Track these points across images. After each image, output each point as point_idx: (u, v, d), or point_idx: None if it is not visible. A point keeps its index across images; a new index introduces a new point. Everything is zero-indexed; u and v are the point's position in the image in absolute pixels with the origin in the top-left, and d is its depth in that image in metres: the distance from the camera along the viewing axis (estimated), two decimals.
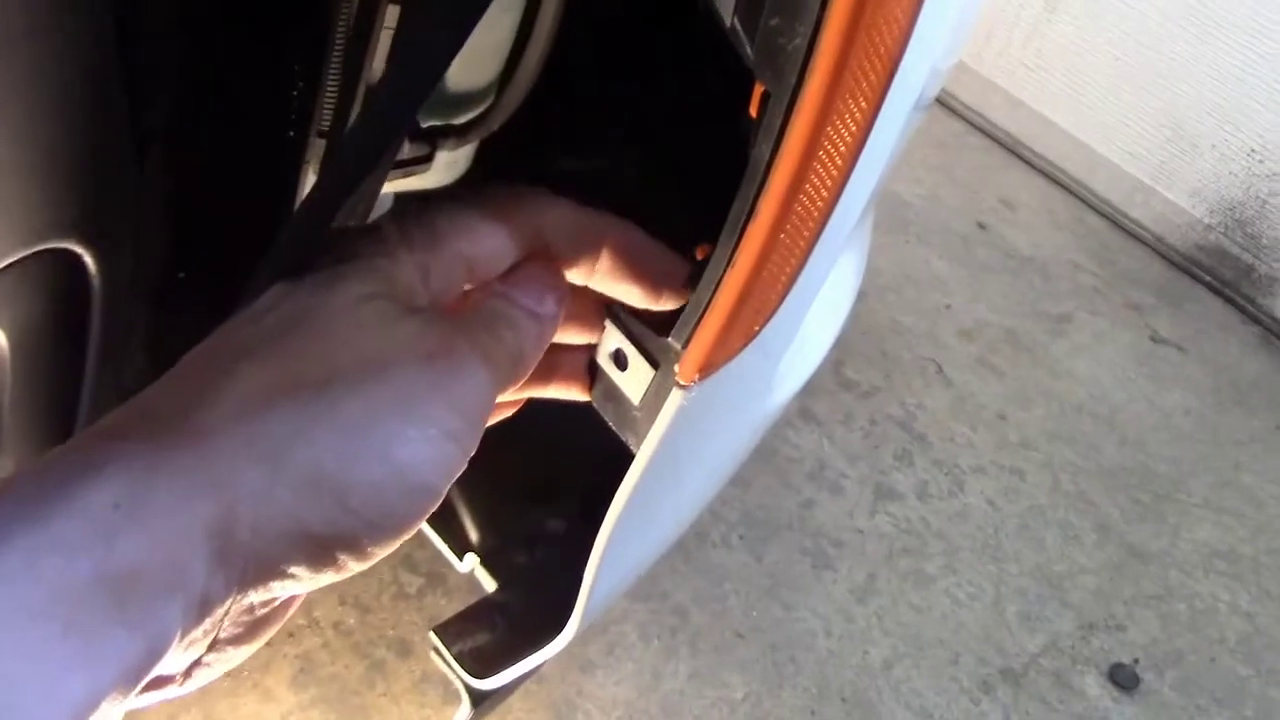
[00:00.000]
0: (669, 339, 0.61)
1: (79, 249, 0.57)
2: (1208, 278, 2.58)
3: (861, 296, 2.12)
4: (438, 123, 0.75)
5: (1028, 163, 2.83)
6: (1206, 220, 2.59)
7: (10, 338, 0.58)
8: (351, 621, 1.29)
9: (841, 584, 1.53)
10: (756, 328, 0.59)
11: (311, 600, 1.27)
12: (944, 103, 2.96)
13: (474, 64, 0.79)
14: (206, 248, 0.66)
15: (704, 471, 0.73)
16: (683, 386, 0.59)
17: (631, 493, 0.62)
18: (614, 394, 0.66)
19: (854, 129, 0.52)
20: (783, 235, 0.53)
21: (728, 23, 0.52)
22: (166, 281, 0.63)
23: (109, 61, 0.53)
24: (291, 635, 1.25)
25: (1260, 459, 2.03)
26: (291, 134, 0.68)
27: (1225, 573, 1.76)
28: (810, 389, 1.83)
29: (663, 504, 0.70)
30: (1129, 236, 2.66)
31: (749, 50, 0.51)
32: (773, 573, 1.51)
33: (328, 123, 0.68)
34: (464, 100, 0.87)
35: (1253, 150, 2.47)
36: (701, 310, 0.57)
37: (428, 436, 0.39)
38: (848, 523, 1.62)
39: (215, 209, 0.66)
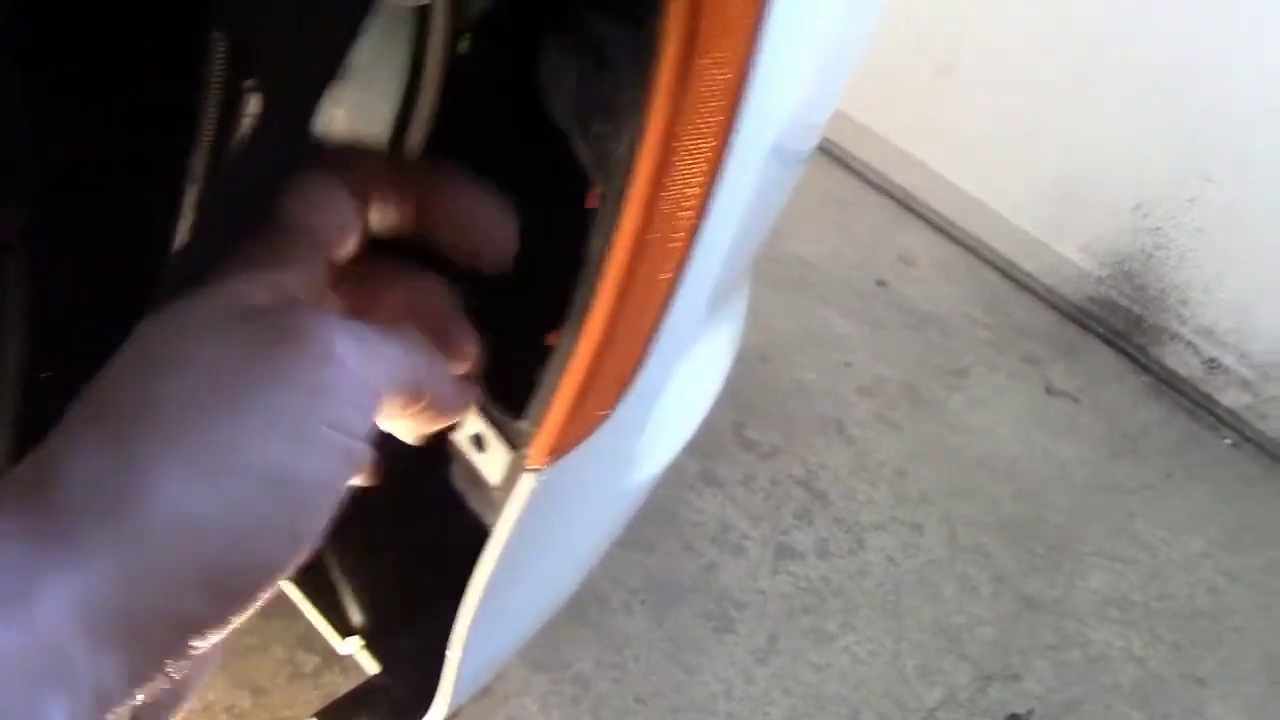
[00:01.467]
0: (522, 422, 0.62)
1: None
2: (1100, 329, 2.65)
3: (764, 357, 2.16)
4: None
5: (925, 219, 2.90)
6: (1096, 273, 2.67)
7: None
8: (245, 704, 1.28)
9: (743, 645, 1.55)
10: (604, 412, 0.61)
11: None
12: (843, 161, 3.03)
13: None
14: (71, 346, 0.66)
15: (573, 546, 0.75)
16: (534, 470, 0.61)
17: (491, 574, 0.63)
18: (474, 476, 0.67)
19: (686, 224, 0.54)
20: (621, 326, 0.55)
21: (563, 126, 0.55)
22: (29, 382, 0.63)
23: None
24: None
25: (1151, 505, 2.09)
26: (160, 227, 0.69)
27: (1118, 620, 1.80)
28: (712, 451, 1.85)
29: (531, 581, 0.71)
30: (1024, 290, 2.73)
31: (580, 151, 0.53)
32: (674, 636, 1.52)
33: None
34: None
35: (1137, 205, 2.55)
36: (550, 395, 0.59)
37: (299, 435, 0.34)
38: (750, 584, 1.64)
39: (80, 309, 0.66)
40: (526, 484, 0.61)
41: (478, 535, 0.67)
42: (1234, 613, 1.90)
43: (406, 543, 0.87)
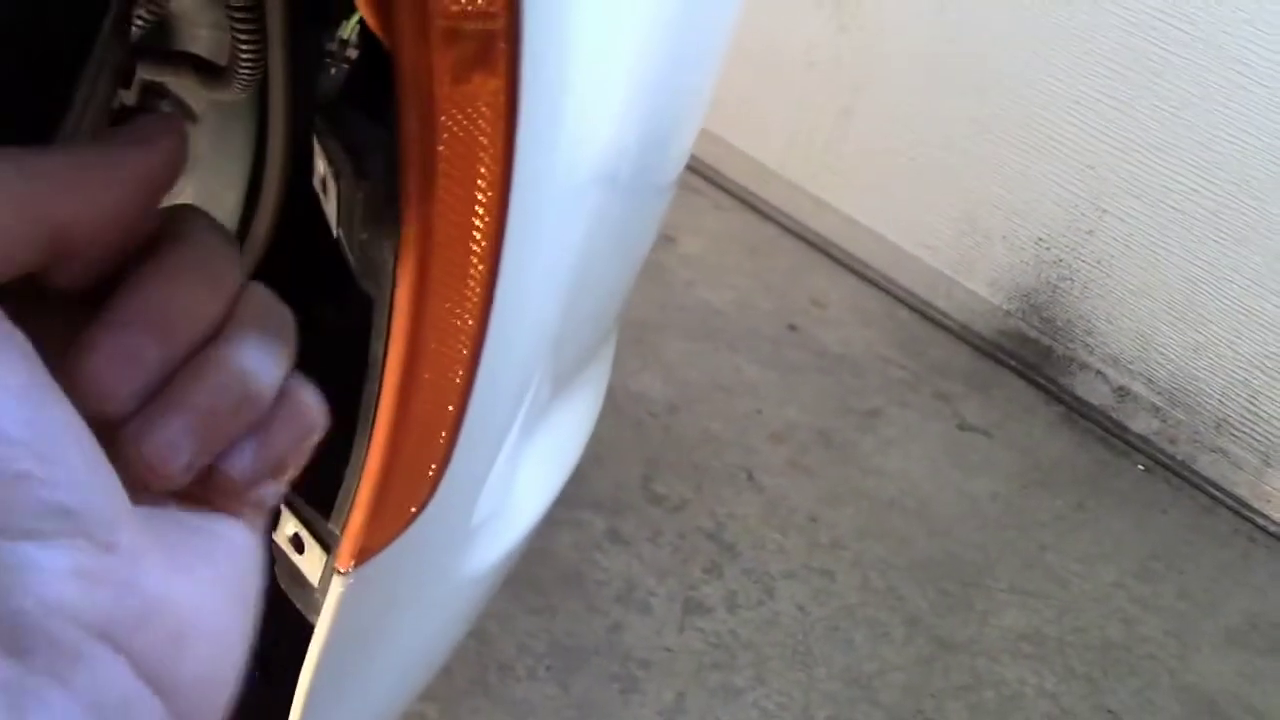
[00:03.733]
0: (330, 525, 0.62)
1: None
2: (1012, 362, 2.69)
3: (671, 408, 2.16)
4: None
5: (837, 261, 2.93)
6: (1005, 307, 2.70)
7: None
8: None
9: (649, 706, 1.54)
10: (413, 509, 0.60)
11: None
12: (755, 207, 3.06)
13: None
14: None
15: (414, 638, 0.74)
16: (341, 573, 0.60)
17: (313, 677, 0.62)
18: (297, 576, 0.66)
19: (469, 325, 0.54)
20: (411, 424, 0.55)
21: (334, 233, 0.54)
22: None
23: None
24: None
25: (1064, 538, 2.11)
26: None
27: (1031, 655, 1.81)
28: (619, 507, 1.84)
29: (367, 675, 0.70)
30: (936, 327, 2.76)
31: (351, 260, 0.53)
32: (580, 702, 1.51)
33: None
34: None
35: (1039, 239, 2.60)
36: (350, 496, 0.58)
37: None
38: (656, 642, 1.63)
39: None
40: (336, 586, 0.60)
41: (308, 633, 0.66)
42: (1147, 641, 1.92)
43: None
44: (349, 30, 0.76)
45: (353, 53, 0.77)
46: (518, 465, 0.76)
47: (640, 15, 0.59)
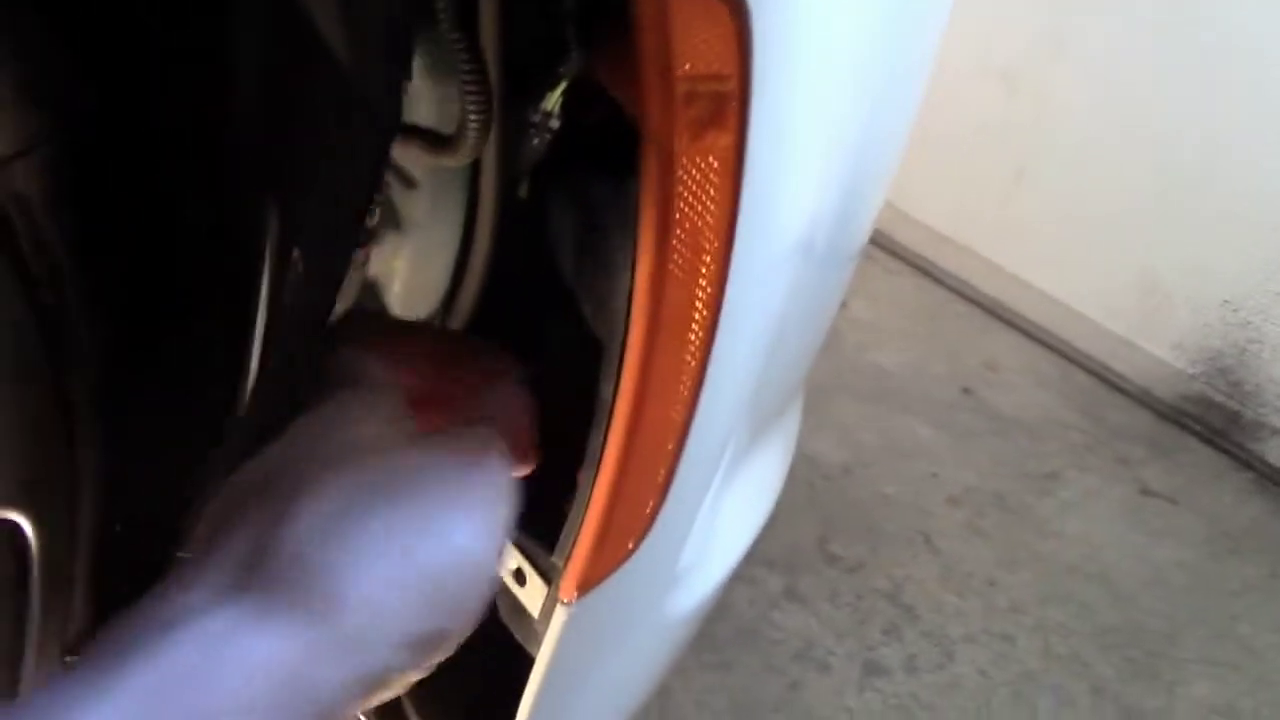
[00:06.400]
0: (554, 557, 0.66)
1: (17, 517, 0.63)
2: (1197, 427, 2.61)
3: (846, 470, 2.17)
4: None
5: (1011, 324, 2.89)
6: (1190, 370, 2.63)
7: None
8: None
9: None
10: (631, 544, 0.64)
11: None
12: (926, 271, 3.05)
13: (414, 298, 0.87)
14: (141, 502, 0.71)
15: (621, 672, 0.77)
16: (565, 603, 0.64)
17: (533, 705, 0.66)
18: (518, 608, 0.70)
19: (691, 366, 0.57)
20: (636, 465, 0.58)
21: (568, 282, 0.59)
22: (104, 536, 0.68)
23: (31, 347, 0.59)
24: None
25: (1257, 608, 2.03)
26: (220, 393, 0.74)
27: None
28: (796, 567, 1.85)
29: (580, 708, 0.74)
30: (1115, 391, 2.70)
31: (585, 307, 0.57)
32: None
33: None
34: None
35: (1225, 300, 2.53)
36: (574, 532, 0.62)
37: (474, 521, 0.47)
38: (836, 702, 1.63)
39: (147, 469, 0.71)
40: (559, 617, 0.64)
41: (527, 664, 0.70)
42: None
43: (465, 669, 0.90)
44: (552, 102, 0.82)
45: (555, 123, 0.82)
46: (718, 512, 0.79)
47: (847, 86, 0.63)
